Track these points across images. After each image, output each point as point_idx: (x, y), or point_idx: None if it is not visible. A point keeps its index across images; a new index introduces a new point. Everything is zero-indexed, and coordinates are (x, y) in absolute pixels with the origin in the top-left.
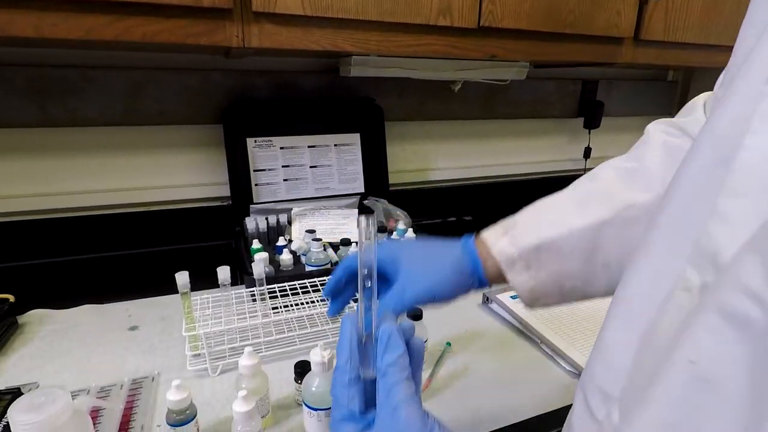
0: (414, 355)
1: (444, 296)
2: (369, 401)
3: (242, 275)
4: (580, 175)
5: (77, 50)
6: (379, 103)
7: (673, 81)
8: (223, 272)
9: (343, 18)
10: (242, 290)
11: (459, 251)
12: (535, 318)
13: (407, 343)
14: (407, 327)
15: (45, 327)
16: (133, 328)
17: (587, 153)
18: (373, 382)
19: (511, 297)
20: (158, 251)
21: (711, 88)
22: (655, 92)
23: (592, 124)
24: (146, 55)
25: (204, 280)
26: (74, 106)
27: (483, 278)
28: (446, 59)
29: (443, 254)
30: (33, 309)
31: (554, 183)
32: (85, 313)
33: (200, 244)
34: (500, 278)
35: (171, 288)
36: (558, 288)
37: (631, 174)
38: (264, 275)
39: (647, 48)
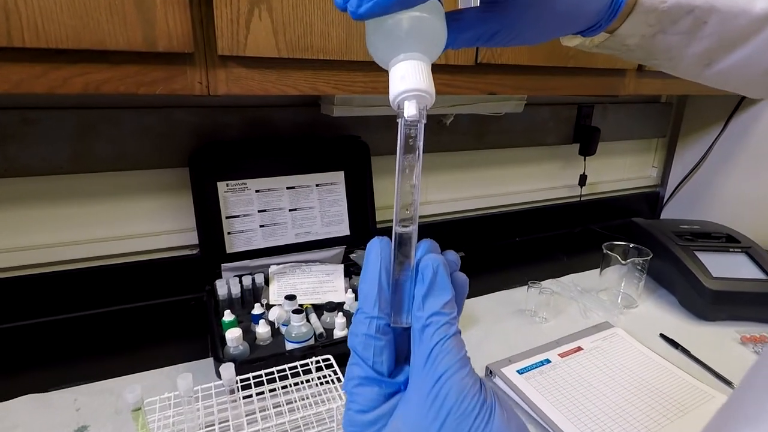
0: (458, 296)
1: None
2: (398, 355)
3: (213, 346)
4: (576, 204)
5: None
6: (364, 139)
7: (667, 103)
8: (185, 382)
9: (326, 59)
10: (211, 385)
11: None
12: (546, 399)
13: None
14: (452, 259)
15: None
16: (81, 429)
17: (582, 180)
18: (406, 329)
19: (518, 371)
20: (117, 311)
21: (707, 109)
22: (650, 114)
23: (588, 150)
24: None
25: (169, 345)
26: (13, 154)
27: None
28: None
29: None
30: None
31: (549, 212)
32: (26, 406)
33: (166, 300)
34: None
35: (129, 358)
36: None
37: None
38: (235, 382)
39: (651, 78)
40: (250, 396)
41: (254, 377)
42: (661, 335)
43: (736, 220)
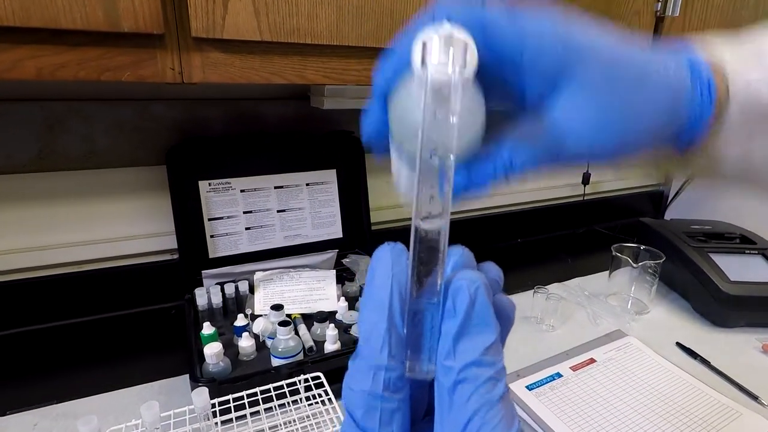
0: (501, 331)
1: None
2: (414, 413)
3: (190, 363)
4: (579, 203)
5: None
6: (358, 134)
7: None
8: (149, 412)
9: (314, 44)
10: (185, 410)
11: (675, 64)
12: (558, 419)
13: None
14: (494, 277)
15: None
16: None
17: (586, 179)
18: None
19: (528, 387)
20: (87, 322)
21: None
22: None
23: None
24: (67, 84)
25: (145, 360)
26: None
27: (704, 123)
28: None
29: (643, 65)
30: None
31: (552, 212)
32: None
33: (142, 309)
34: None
35: (99, 375)
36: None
37: None
38: (209, 407)
39: None
40: (231, 421)
41: (235, 399)
42: (678, 344)
43: (746, 221)
